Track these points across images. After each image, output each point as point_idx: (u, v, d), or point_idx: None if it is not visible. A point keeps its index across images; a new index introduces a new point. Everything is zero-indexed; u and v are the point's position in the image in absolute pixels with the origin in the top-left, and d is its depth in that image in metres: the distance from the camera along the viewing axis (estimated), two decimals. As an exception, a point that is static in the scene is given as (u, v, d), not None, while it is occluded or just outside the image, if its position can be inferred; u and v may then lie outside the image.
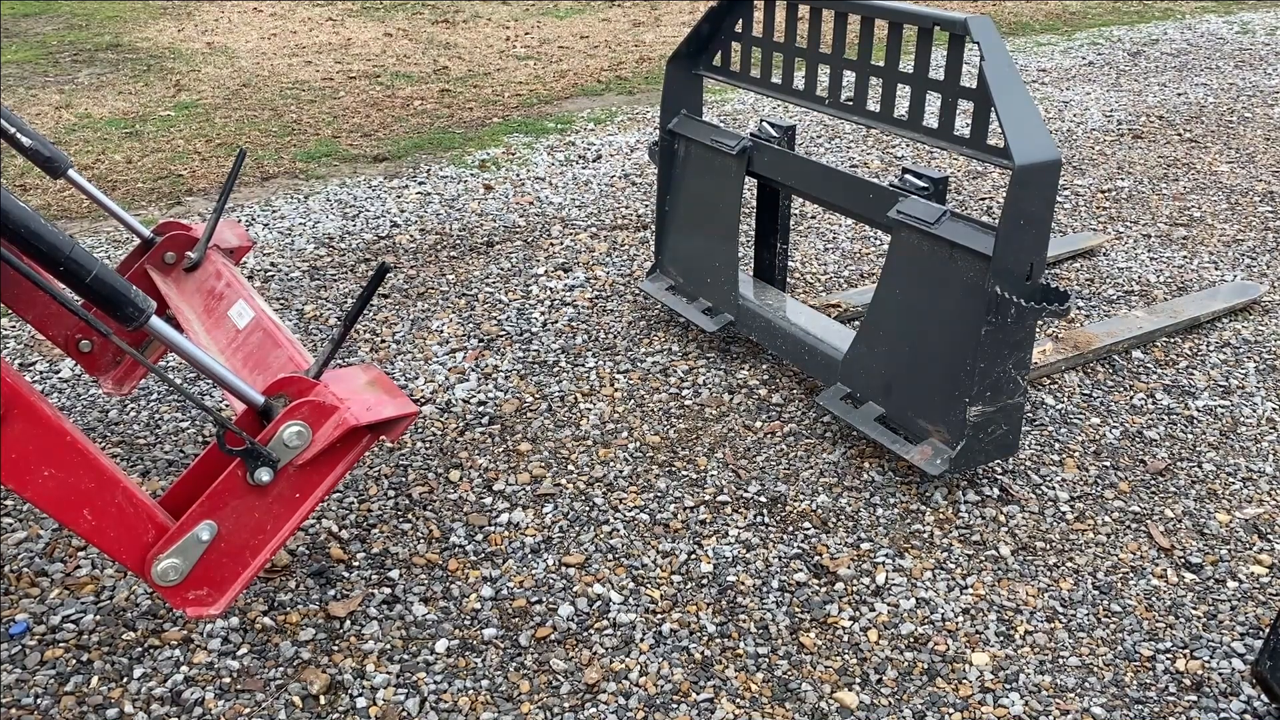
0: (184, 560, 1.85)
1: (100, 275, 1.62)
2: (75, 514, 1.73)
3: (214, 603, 1.91)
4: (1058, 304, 2.53)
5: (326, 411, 1.86)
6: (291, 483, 1.89)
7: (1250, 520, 2.78)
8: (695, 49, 3.50)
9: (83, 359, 2.74)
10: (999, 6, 9.60)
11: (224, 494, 1.86)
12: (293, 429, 1.85)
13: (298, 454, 1.86)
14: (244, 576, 1.92)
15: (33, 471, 1.66)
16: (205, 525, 1.86)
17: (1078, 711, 2.21)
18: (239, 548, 1.90)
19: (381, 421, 1.91)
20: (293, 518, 1.92)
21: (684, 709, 2.20)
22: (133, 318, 1.66)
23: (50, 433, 1.66)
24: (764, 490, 2.87)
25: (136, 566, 1.84)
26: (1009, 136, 2.45)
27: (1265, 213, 4.77)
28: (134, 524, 1.81)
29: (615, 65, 7.62)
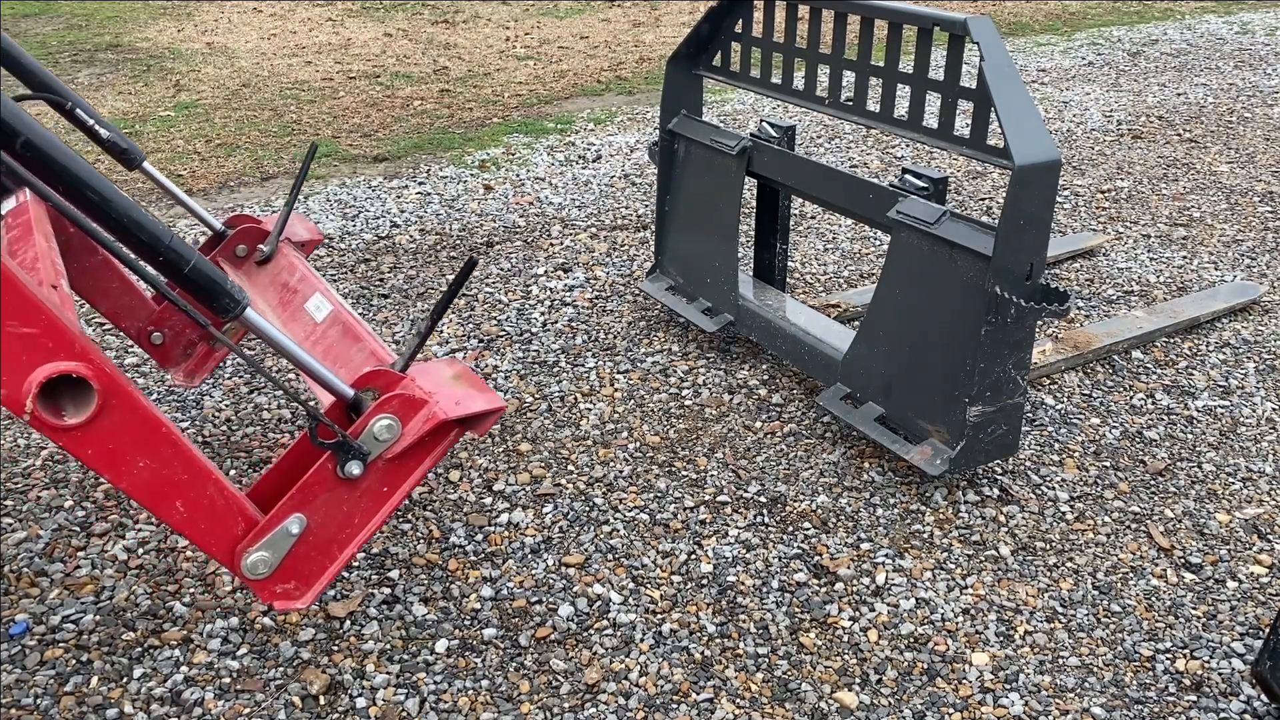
0: (273, 553, 1.85)
1: (198, 266, 1.64)
2: (168, 505, 1.74)
3: (300, 596, 1.90)
4: (1058, 304, 2.53)
5: (416, 405, 1.85)
6: (380, 476, 1.88)
7: (1250, 520, 2.78)
8: (695, 49, 3.50)
9: (154, 351, 2.75)
10: (999, 6, 9.61)
11: (314, 487, 1.85)
12: (383, 422, 1.84)
13: (387, 447, 1.85)
14: (331, 570, 1.91)
15: (128, 462, 1.67)
16: (295, 518, 1.85)
17: (1078, 711, 2.21)
18: (326, 541, 1.89)
19: (470, 416, 1.90)
20: (380, 512, 1.91)
21: (684, 709, 2.20)
22: (229, 309, 1.67)
23: (147, 424, 1.68)
24: (764, 490, 2.87)
25: (226, 559, 1.84)
26: (1009, 136, 2.45)
27: (1265, 213, 4.78)
28: (224, 516, 1.81)
29: (615, 65, 7.63)
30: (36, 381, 1.56)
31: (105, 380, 1.63)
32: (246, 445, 3.03)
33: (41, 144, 1.54)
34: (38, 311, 1.55)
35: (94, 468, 1.67)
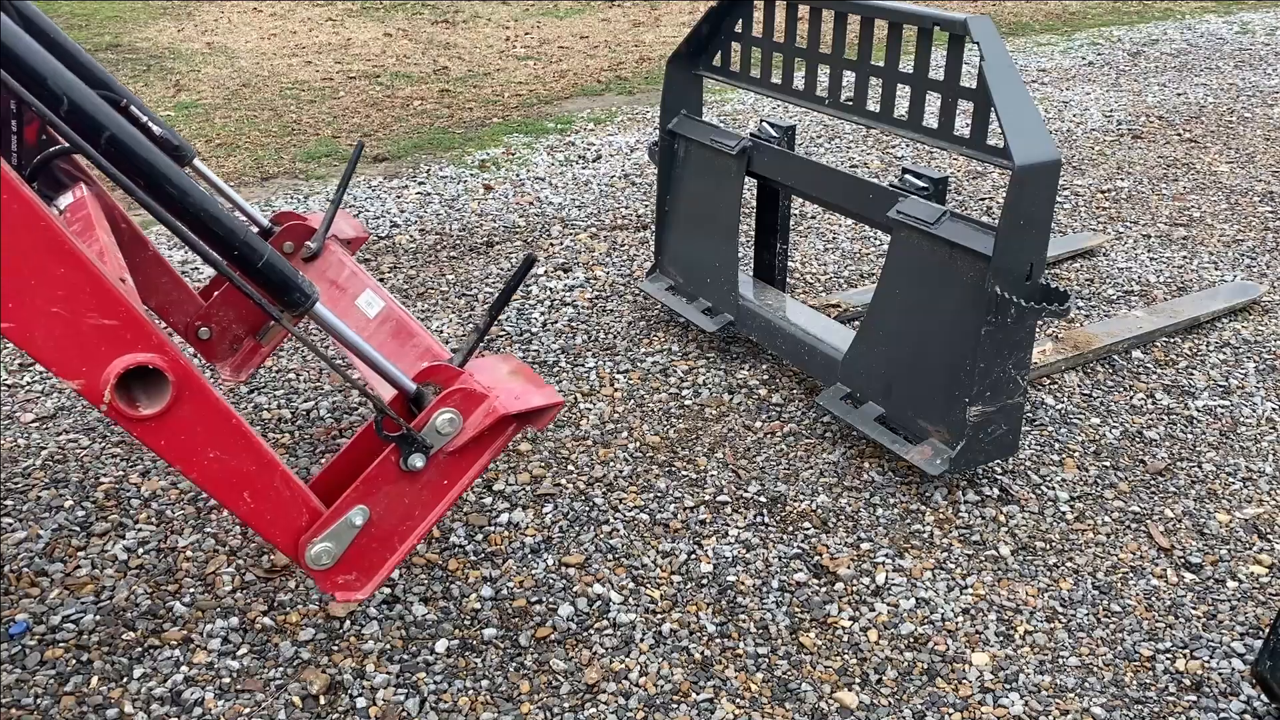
0: (336, 544, 1.87)
1: (271, 260, 1.68)
2: (236, 496, 1.77)
3: (361, 587, 1.93)
4: (1058, 304, 2.53)
5: (477, 399, 1.87)
6: (440, 470, 1.91)
7: (1250, 520, 2.78)
8: (695, 49, 3.50)
9: (201, 346, 2.77)
10: (999, 6, 9.61)
11: (377, 479, 1.88)
12: (445, 416, 1.86)
13: (448, 441, 1.88)
14: (390, 562, 1.93)
15: (199, 453, 1.70)
16: (358, 510, 1.87)
17: (1078, 711, 2.21)
18: (388, 533, 1.91)
19: (529, 411, 1.92)
20: (440, 504, 1.94)
21: (684, 709, 2.20)
22: (299, 302, 1.71)
23: (218, 416, 1.71)
24: (764, 490, 2.87)
25: (290, 549, 1.86)
26: (1009, 137, 2.45)
27: (1265, 213, 4.78)
28: (290, 508, 1.84)
29: (615, 65, 7.63)
30: (115, 372, 1.59)
31: (180, 372, 1.66)
32: (246, 445, 3.02)
33: (126, 139, 1.58)
34: (117, 304, 1.58)
35: (166, 458, 1.70)
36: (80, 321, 1.56)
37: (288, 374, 3.40)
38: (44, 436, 3.05)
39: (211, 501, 2.77)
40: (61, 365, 1.58)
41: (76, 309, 1.55)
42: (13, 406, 3.19)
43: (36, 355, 1.56)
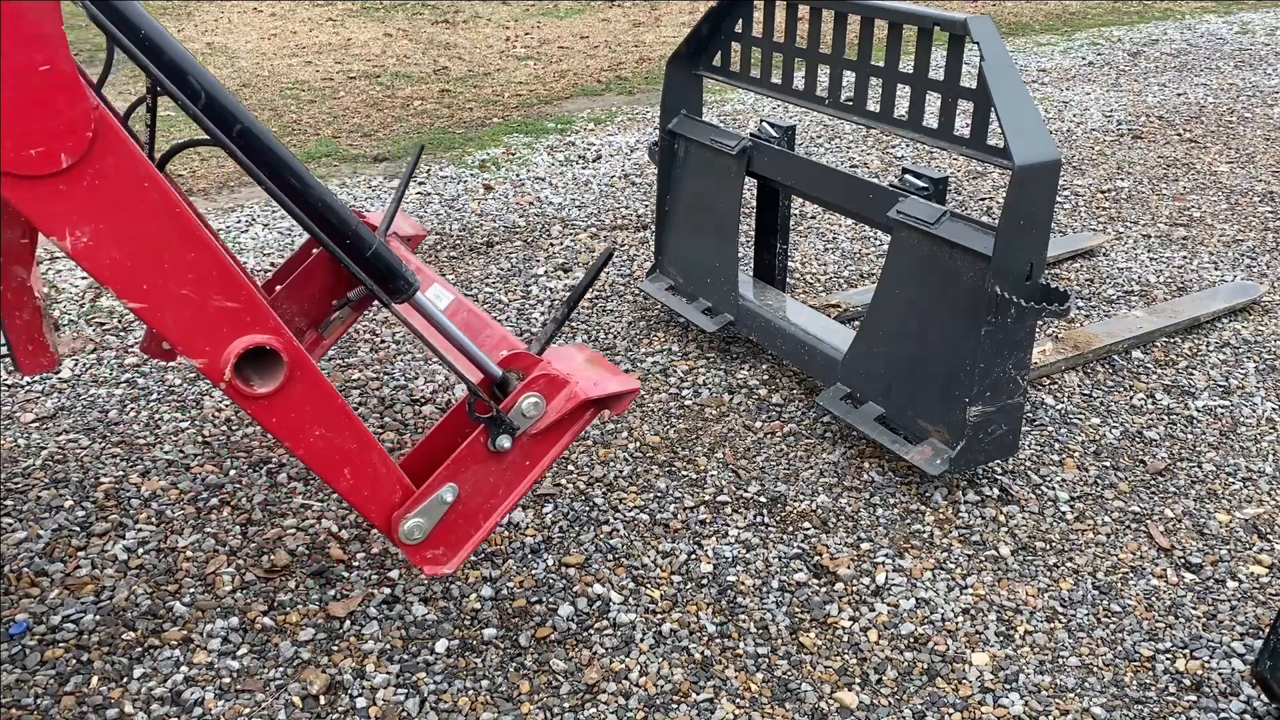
0: (428, 520, 1.96)
1: (378, 250, 1.76)
2: (337, 472, 1.86)
3: (447, 561, 2.02)
4: (1058, 304, 2.53)
5: (559, 384, 1.98)
6: (524, 451, 2.01)
7: (1250, 520, 2.78)
8: (695, 49, 3.51)
9: None
10: (999, 6, 9.61)
11: (467, 459, 1.97)
12: (530, 400, 1.96)
13: (532, 424, 1.98)
14: (475, 538, 2.03)
15: (306, 431, 1.79)
16: (448, 487, 1.97)
17: (1078, 711, 2.21)
18: (473, 511, 2.01)
19: (607, 396, 2.02)
20: (521, 484, 2.03)
21: (684, 709, 2.20)
22: (403, 290, 1.79)
23: (325, 396, 1.79)
24: (764, 490, 2.87)
25: (384, 525, 1.95)
26: (1009, 137, 2.45)
27: (1265, 213, 4.78)
28: (385, 485, 1.92)
29: (615, 65, 7.63)
30: (235, 352, 1.67)
31: (292, 354, 1.73)
32: (246, 445, 3.03)
33: (257, 132, 1.67)
34: (240, 287, 1.66)
35: (276, 435, 1.78)
36: (206, 303, 1.64)
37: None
38: (44, 436, 3.05)
39: (212, 501, 2.77)
40: (187, 344, 1.66)
41: (203, 291, 1.63)
42: (13, 406, 3.19)
43: (165, 334, 1.64)
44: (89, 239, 1.54)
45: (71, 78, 1.46)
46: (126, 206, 1.54)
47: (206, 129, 1.65)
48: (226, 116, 1.66)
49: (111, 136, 1.51)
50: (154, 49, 1.63)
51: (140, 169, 1.54)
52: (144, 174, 1.55)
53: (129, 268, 1.58)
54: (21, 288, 1.94)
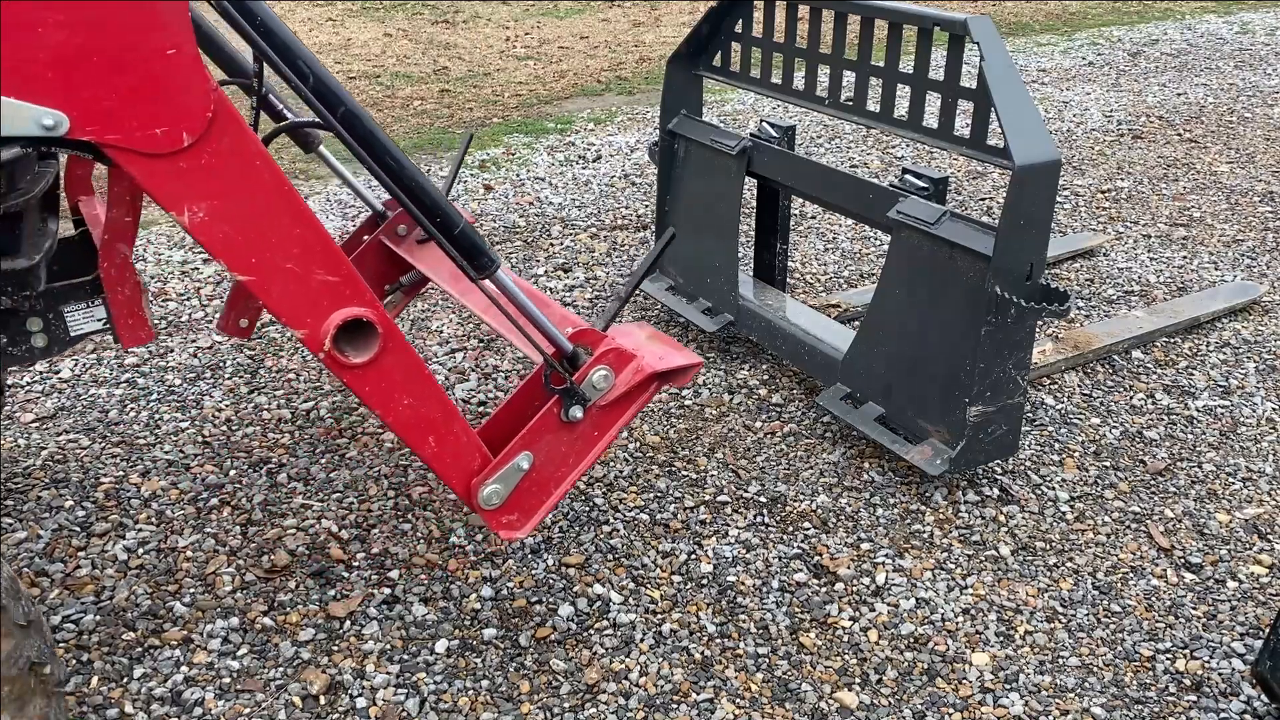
0: (504, 486, 2.05)
1: (465, 229, 1.86)
2: (422, 439, 1.94)
3: (521, 526, 2.10)
4: (1058, 304, 2.53)
5: (627, 358, 2.08)
6: (593, 422, 2.10)
7: (1250, 520, 2.78)
8: (695, 49, 3.51)
9: None
10: (999, 6, 9.61)
11: (542, 428, 2.06)
12: (600, 373, 2.06)
13: (601, 396, 2.08)
14: (547, 504, 2.12)
15: (396, 399, 1.87)
16: (524, 455, 2.05)
17: (1078, 711, 2.21)
18: (545, 479, 2.10)
19: (672, 370, 2.12)
20: (590, 453, 2.13)
21: (684, 709, 2.20)
22: (486, 266, 1.88)
23: (414, 367, 1.88)
24: (764, 490, 2.87)
25: (463, 490, 2.03)
26: (1009, 137, 2.45)
27: (1265, 213, 4.78)
28: (466, 453, 2.01)
29: (615, 65, 7.63)
30: (335, 324, 1.75)
31: (386, 326, 1.81)
32: (246, 445, 3.03)
33: (357, 113, 1.74)
34: (340, 262, 1.74)
35: (368, 403, 1.87)
36: (309, 277, 1.71)
37: (288, 374, 3.41)
38: (44, 436, 3.05)
39: (212, 501, 2.77)
40: (291, 315, 1.74)
41: (308, 265, 1.70)
42: (13, 406, 3.19)
43: (271, 305, 1.72)
44: (205, 214, 1.60)
45: (195, 61, 1.52)
46: (240, 184, 1.61)
47: (314, 109, 1.71)
48: (331, 98, 1.72)
49: (228, 117, 1.58)
50: (268, 32, 1.70)
51: (253, 148, 1.62)
52: (256, 152, 1.62)
53: (240, 242, 1.65)
54: (124, 264, 2.01)
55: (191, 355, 3.50)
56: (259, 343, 3.59)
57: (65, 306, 1.99)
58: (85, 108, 1.47)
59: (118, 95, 1.48)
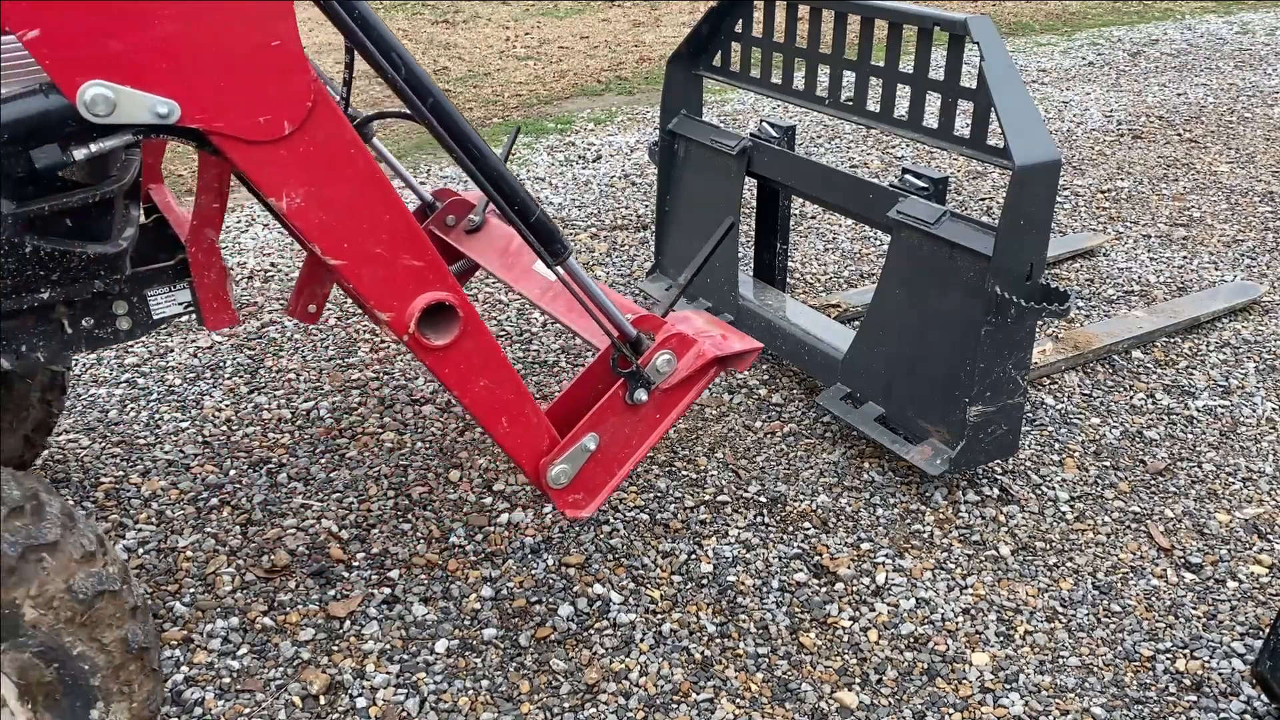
0: (572, 466, 2.11)
1: (540, 217, 1.92)
2: (495, 420, 2.01)
3: (586, 506, 2.16)
4: (1058, 304, 2.53)
5: (689, 343, 2.14)
6: (656, 404, 2.16)
7: (1250, 520, 2.78)
8: (695, 49, 3.51)
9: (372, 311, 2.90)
10: (999, 6, 9.61)
11: (607, 411, 2.12)
12: (663, 357, 2.12)
13: (664, 380, 2.13)
14: (611, 484, 2.18)
15: (473, 381, 1.95)
16: (591, 436, 2.11)
17: (1078, 711, 2.21)
18: (609, 459, 2.16)
19: (731, 355, 2.18)
20: (652, 435, 2.19)
21: (684, 709, 2.20)
22: (560, 253, 1.94)
23: (490, 350, 1.94)
24: (764, 490, 2.87)
25: (531, 469, 2.09)
26: (1009, 137, 2.45)
27: (1265, 213, 4.78)
28: (536, 433, 2.07)
29: (615, 65, 7.63)
30: (419, 307, 1.81)
31: (467, 310, 1.88)
32: (246, 445, 3.03)
33: (444, 104, 1.79)
34: (425, 248, 1.80)
35: (447, 384, 1.93)
36: (396, 261, 1.77)
37: (288, 374, 3.41)
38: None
39: (212, 501, 2.77)
40: (379, 299, 1.79)
41: (395, 251, 1.76)
42: (13, 406, 3.19)
43: (360, 289, 1.77)
44: (302, 200, 1.66)
45: (298, 53, 1.58)
46: (335, 171, 1.66)
47: (406, 99, 1.76)
48: (421, 89, 1.76)
49: (326, 107, 1.62)
50: (366, 24, 1.76)
51: (348, 136, 1.66)
52: (351, 141, 1.67)
53: (334, 227, 1.70)
54: (211, 249, 2.07)
55: (191, 355, 3.50)
56: (259, 343, 3.60)
57: (148, 290, 2.05)
58: (195, 97, 1.52)
59: (225, 85, 1.53)
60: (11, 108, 1.46)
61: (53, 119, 1.48)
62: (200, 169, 2.03)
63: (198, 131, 1.57)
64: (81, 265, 1.80)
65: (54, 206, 1.73)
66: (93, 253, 1.80)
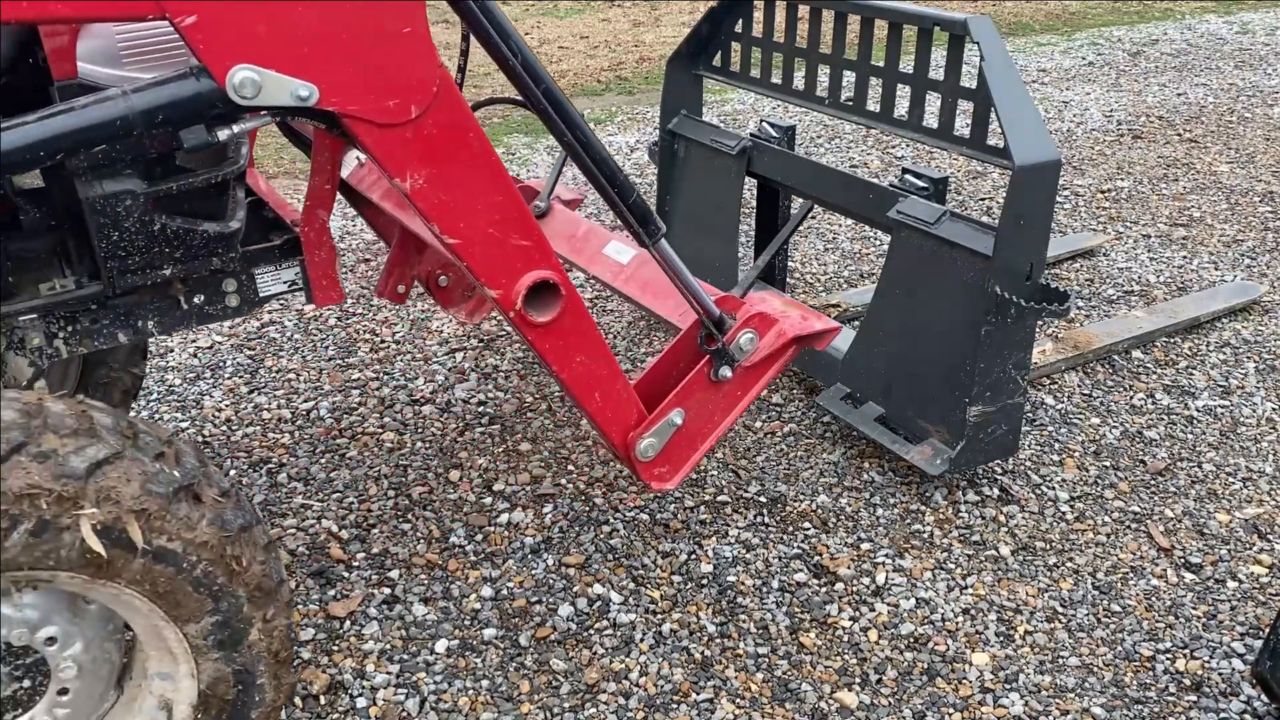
0: (659, 440, 2.16)
1: (637, 199, 1.99)
2: (590, 395, 2.07)
3: (670, 479, 2.22)
4: (1058, 304, 2.53)
5: (770, 322, 2.21)
6: (737, 382, 2.22)
7: (1250, 520, 2.78)
8: (695, 49, 3.51)
9: (439, 292, 2.97)
10: (999, 6, 9.61)
11: (693, 387, 2.18)
12: (746, 336, 2.18)
13: (746, 358, 2.19)
14: (693, 459, 2.23)
15: (571, 357, 2.01)
16: (677, 411, 2.17)
17: (1078, 711, 2.21)
18: (693, 434, 2.21)
19: (811, 334, 2.23)
20: (734, 410, 2.25)
21: (684, 709, 2.20)
22: (654, 233, 2.01)
23: (588, 327, 2.01)
24: (764, 490, 2.87)
25: (620, 442, 2.15)
26: (1009, 137, 2.45)
27: (1265, 213, 4.78)
28: (626, 408, 2.13)
29: (615, 65, 7.63)
30: (526, 285, 1.87)
31: (568, 288, 1.94)
32: (247, 445, 3.03)
33: (555, 91, 1.86)
34: (532, 228, 1.86)
35: (547, 359, 1.99)
36: (507, 241, 1.84)
37: (288, 374, 3.41)
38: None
39: (211, 501, 2.77)
40: (490, 277, 1.85)
41: (505, 230, 1.83)
42: (13, 406, 3.18)
43: (472, 266, 1.83)
44: (424, 181, 1.72)
45: (426, 40, 1.64)
46: (456, 153, 1.73)
47: (522, 84, 1.83)
48: (535, 75, 1.83)
49: (449, 92, 1.68)
50: (486, 10, 1.82)
51: (468, 120, 1.73)
52: (470, 125, 1.73)
53: (452, 207, 1.76)
54: (323, 228, 2.14)
55: (191, 355, 3.51)
56: (259, 343, 3.60)
57: (256, 269, 2.13)
58: (333, 81, 1.59)
59: (360, 70, 1.60)
60: (165, 90, 1.52)
61: (203, 101, 1.54)
62: (314, 152, 2.10)
63: (330, 114, 1.63)
64: (202, 243, 1.92)
65: (181, 187, 1.85)
66: (212, 231, 1.91)
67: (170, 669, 1.67)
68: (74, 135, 1.50)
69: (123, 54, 1.91)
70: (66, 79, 1.83)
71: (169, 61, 1.92)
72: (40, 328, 1.93)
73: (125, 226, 1.84)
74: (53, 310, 1.93)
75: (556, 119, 1.86)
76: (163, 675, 1.68)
